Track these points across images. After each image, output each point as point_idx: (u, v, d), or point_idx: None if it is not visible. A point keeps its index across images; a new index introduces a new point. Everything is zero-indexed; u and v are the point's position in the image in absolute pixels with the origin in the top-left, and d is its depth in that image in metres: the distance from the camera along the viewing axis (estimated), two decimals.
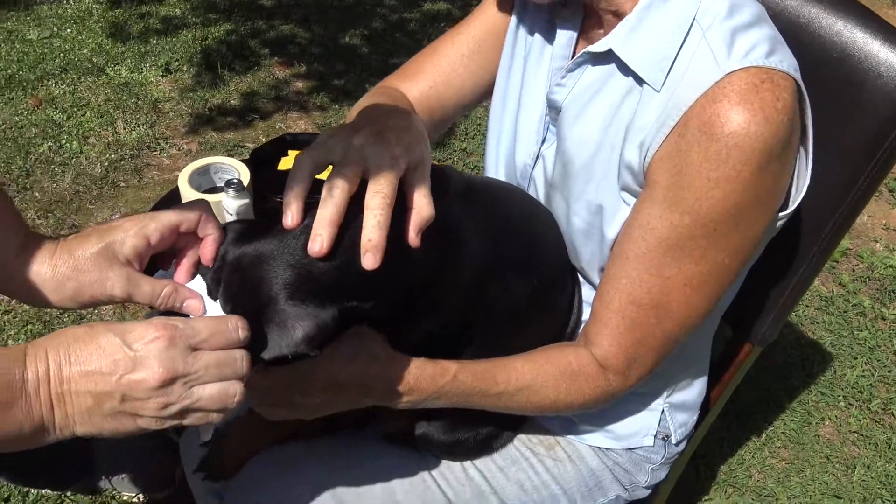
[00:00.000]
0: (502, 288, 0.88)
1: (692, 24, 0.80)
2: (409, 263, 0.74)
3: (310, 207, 0.70)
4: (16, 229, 0.70)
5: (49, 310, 2.02)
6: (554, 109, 0.94)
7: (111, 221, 0.74)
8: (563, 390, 0.89)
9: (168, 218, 0.73)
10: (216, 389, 0.62)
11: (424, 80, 1.10)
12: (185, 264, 0.76)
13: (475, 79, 1.09)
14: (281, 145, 1.69)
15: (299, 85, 2.99)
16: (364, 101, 1.07)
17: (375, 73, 3.06)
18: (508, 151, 1.05)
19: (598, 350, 0.90)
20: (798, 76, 0.79)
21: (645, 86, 0.83)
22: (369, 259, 0.67)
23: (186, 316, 0.71)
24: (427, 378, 0.82)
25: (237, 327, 0.64)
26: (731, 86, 0.75)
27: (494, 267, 0.86)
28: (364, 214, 0.69)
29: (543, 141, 0.99)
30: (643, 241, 0.83)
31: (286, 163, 1.67)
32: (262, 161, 1.62)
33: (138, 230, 0.72)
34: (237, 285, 0.69)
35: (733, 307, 1.08)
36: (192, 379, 0.61)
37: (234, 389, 0.63)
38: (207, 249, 0.74)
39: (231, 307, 0.70)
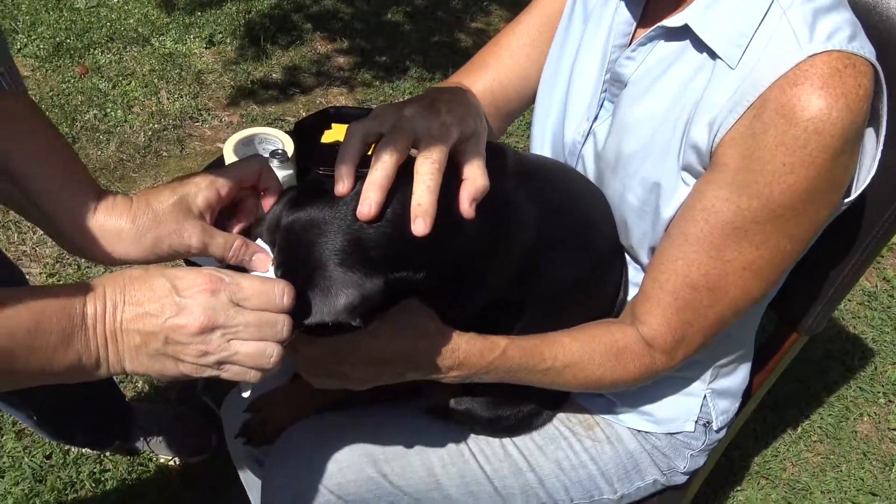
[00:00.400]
0: (552, 267, 0.88)
1: (772, 2, 0.78)
2: (461, 236, 0.73)
3: (360, 178, 0.70)
4: (90, 187, 0.72)
5: (92, 275, 2.06)
6: (617, 84, 0.92)
7: (180, 176, 0.75)
8: (609, 368, 0.89)
9: (235, 171, 0.76)
10: (253, 347, 0.64)
11: (487, 74, 1.10)
12: (239, 227, 0.77)
13: (538, 67, 1.08)
14: (324, 118, 1.70)
15: (341, 60, 2.99)
16: None
17: (417, 51, 3.05)
18: (556, 129, 1.04)
19: (645, 328, 0.89)
20: (876, 63, 0.77)
21: (718, 62, 0.81)
22: (419, 224, 0.67)
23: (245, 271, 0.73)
24: (476, 353, 0.82)
25: (283, 293, 0.65)
26: (813, 69, 0.73)
27: (546, 246, 0.85)
28: (414, 180, 0.68)
29: (596, 118, 0.98)
30: (705, 224, 0.81)
31: (329, 136, 1.68)
32: (305, 133, 1.62)
33: (209, 183, 0.73)
34: (288, 249, 0.70)
35: (781, 294, 1.06)
36: (231, 332, 0.63)
37: (272, 351, 0.64)
38: (269, 202, 0.76)
39: (282, 271, 0.70)
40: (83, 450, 1.66)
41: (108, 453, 1.67)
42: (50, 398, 1.41)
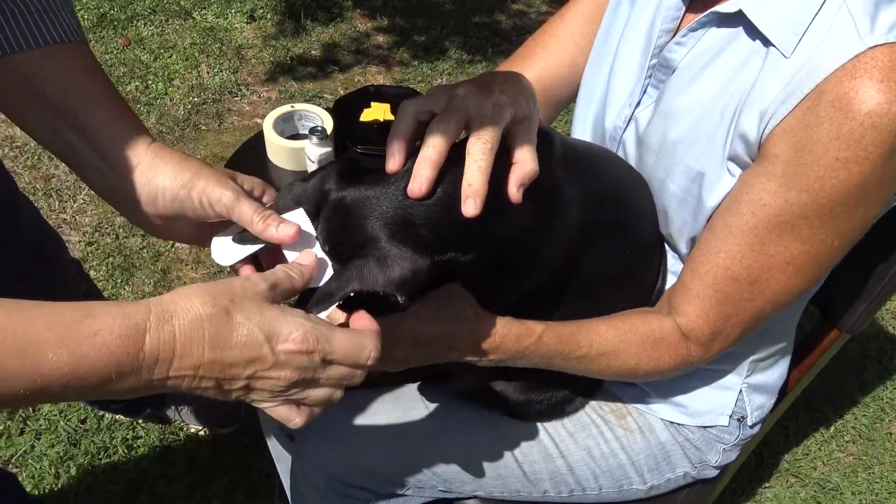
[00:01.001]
0: (595, 255, 0.86)
1: None
2: (507, 221, 0.72)
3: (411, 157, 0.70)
4: (145, 132, 0.74)
5: (130, 245, 2.09)
6: (664, 70, 0.90)
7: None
8: (644, 358, 0.88)
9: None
10: (325, 394, 0.64)
11: (536, 62, 1.08)
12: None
13: (586, 55, 1.07)
14: (364, 96, 1.69)
15: (380, 39, 2.98)
16: None
17: (456, 31, 3.03)
18: (597, 114, 1.03)
19: (683, 319, 0.88)
20: None
21: (771, 51, 0.78)
22: (470, 205, 0.66)
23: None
24: (512, 338, 0.81)
25: (370, 354, 0.64)
26: (873, 61, 0.71)
27: (590, 234, 0.84)
28: (465, 160, 0.67)
29: (638, 103, 0.96)
30: (752, 217, 0.80)
31: (368, 114, 1.67)
32: (344, 111, 1.62)
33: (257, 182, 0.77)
34: (337, 225, 0.69)
35: (824, 290, 1.04)
36: (312, 384, 0.63)
37: (339, 395, 0.65)
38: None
39: (330, 246, 0.70)
40: (116, 416, 1.69)
41: (140, 421, 1.70)
42: None
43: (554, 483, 1.03)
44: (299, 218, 0.72)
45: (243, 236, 0.73)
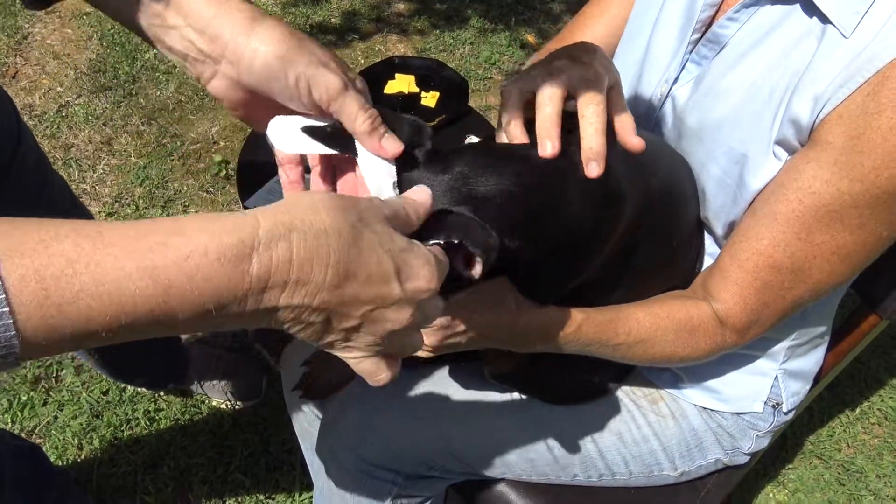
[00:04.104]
0: (644, 251, 0.85)
1: None
2: (570, 213, 0.71)
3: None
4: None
5: (150, 215, 2.08)
6: (711, 45, 0.87)
7: None
8: (681, 345, 0.86)
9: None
10: (418, 343, 0.57)
11: (595, 29, 1.08)
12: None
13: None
14: (389, 67, 1.66)
15: (401, 7, 2.93)
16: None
17: (478, 0, 2.97)
18: (631, 89, 0.99)
19: (719, 305, 0.85)
20: None
21: (829, 30, 0.74)
22: (593, 168, 0.67)
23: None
24: (554, 329, 0.80)
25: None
26: None
27: (643, 231, 0.82)
28: (580, 124, 0.68)
29: (676, 80, 0.92)
30: (799, 204, 0.76)
31: (393, 86, 1.64)
32: (368, 82, 1.58)
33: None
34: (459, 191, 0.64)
35: (866, 276, 1.00)
36: (415, 330, 0.55)
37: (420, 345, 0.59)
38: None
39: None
40: (139, 389, 1.69)
41: (162, 393, 1.70)
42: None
43: (584, 467, 1.02)
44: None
45: (313, 129, 0.63)
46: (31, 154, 1.08)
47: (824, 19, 0.75)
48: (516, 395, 1.00)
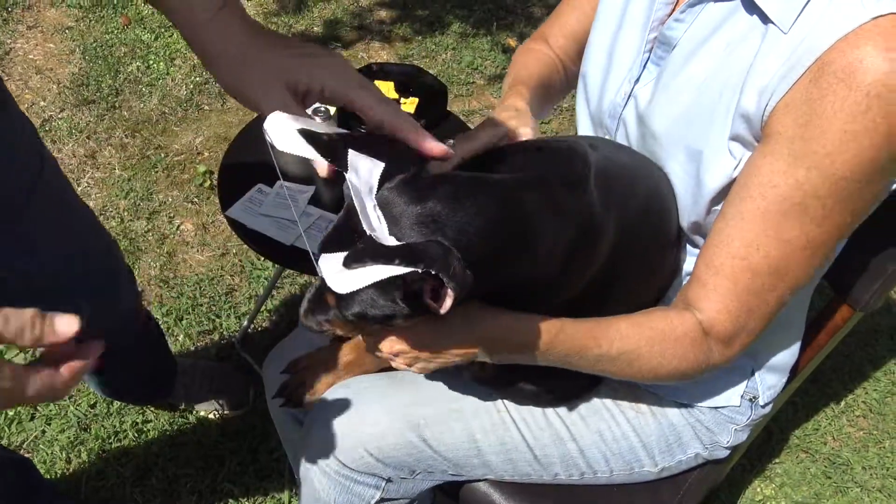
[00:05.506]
0: (626, 276, 0.86)
1: None
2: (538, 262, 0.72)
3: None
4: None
5: (135, 228, 2.08)
6: (664, 46, 0.88)
7: None
8: (668, 356, 0.84)
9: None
10: None
11: (572, 16, 1.11)
12: None
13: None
14: (368, 74, 1.67)
15: (382, 14, 2.94)
16: (513, 66, 1.12)
17: (460, 5, 2.98)
18: (599, 90, 1.01)
19: (702, 315, 0.84)
20: None
21: (770, 26, 0.76)
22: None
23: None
24: (526, 335, 0.80)
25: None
26: (877, 29, 0.68)
27: (624, 256, 0.83)
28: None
29: (637, 79, 0.94)
30: (762, 200, 0.77)
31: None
32: None
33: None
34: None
35: (839, 269, 1.02)
36: None
37: None
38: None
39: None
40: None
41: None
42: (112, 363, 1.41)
43: (565, 466, 1.03)
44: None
45: (311, 134, 0.63)
46: (51, 189, 1.07)
47: (765, 18, 0.76)
48: (495, 396, 1.01)
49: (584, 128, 1.07)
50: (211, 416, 1.70)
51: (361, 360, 1.03)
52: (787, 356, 1.05)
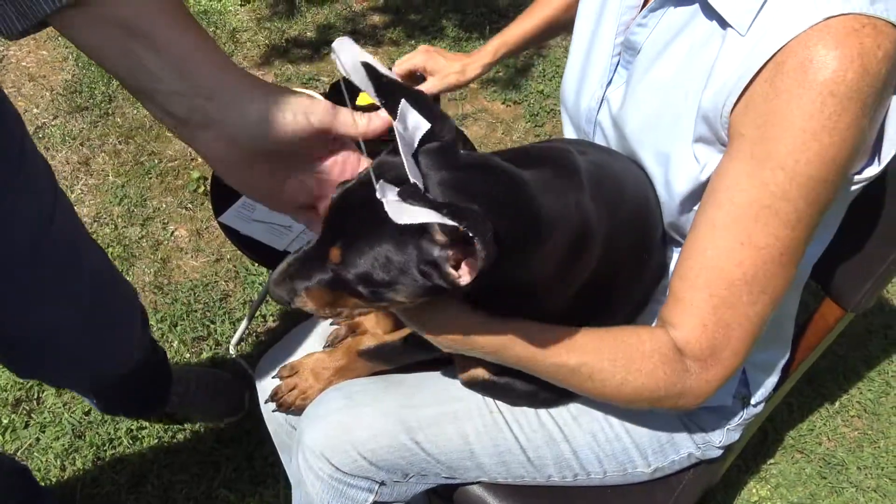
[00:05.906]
0: (614, 281, 0.86)
1: None
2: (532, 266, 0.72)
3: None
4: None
5: (129, 235, 2.08)
6: (631, 51, 0.89)
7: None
8: (633, 371, 0.79)
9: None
10: None
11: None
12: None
13: None
14: (345, 83, 1.67)
15: (375, 19, 2.95)
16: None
17: (453, 10, 2.99)
18: (575, 94, 1.02)
19: (677, 332, 0.80)
20: None
21: (729, 30, 0.76)
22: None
23: None
24: (477, 329, 0.78)
25: None
26: (828, 29, 0.69)
27: (612, 263, 0.83)
28: None
29: (609, 83, 0.95)
30: (731, 205, 0.75)
31: (365, 98, 1.65)
32: (339, 95, 1.60)
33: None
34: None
35: (828, 270, 1.03)
36: None
37: None
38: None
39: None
40: None
41: None
42: (104, 383, 1.42)
43: (558, 468, 1.03)
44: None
45: (372, 69, 0.64)
46: (63, 234, 1.07)
47: (723, 22, 0.77)
48: (488, 399, 1.01)
49: (568, 131, 1.08)
50: (207, 425, 1.70)
51: (353, 365, 1.04)
52: (778, 355, 1.05)
